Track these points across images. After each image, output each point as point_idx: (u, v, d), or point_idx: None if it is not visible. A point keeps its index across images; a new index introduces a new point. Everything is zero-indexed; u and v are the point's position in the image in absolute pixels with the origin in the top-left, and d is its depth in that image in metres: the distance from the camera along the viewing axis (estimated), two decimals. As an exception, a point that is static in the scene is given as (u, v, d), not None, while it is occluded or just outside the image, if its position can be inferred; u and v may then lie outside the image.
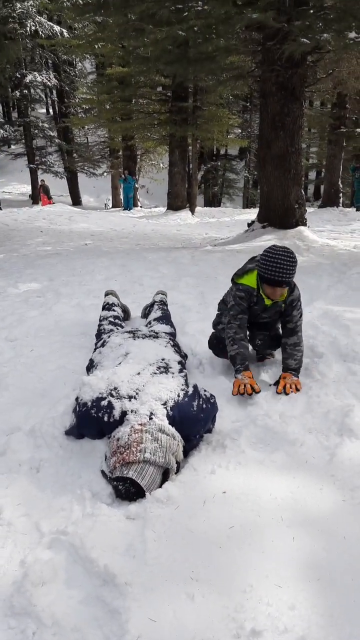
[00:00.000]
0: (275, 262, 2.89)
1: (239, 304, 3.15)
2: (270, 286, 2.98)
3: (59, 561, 1.92)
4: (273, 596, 1.73)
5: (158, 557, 1.90)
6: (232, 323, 3.15)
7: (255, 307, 3.19)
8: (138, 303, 4.69)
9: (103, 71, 20.37)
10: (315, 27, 6.26)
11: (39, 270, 6.47)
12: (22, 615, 1.73)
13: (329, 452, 2.47)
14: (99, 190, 29.52)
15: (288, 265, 2.89)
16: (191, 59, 7.55)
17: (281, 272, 2.89)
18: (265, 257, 2.94)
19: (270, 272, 2.90)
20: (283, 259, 2.88)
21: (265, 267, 2.92)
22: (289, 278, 2.93)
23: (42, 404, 2.98)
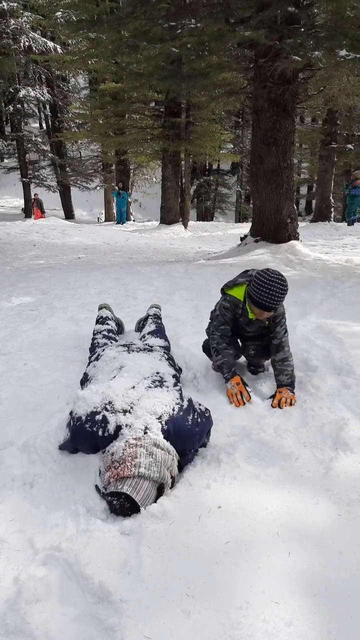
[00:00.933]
0: (267, 287, 2.93)
1: (223, 314, 3.24)
2: (258, 308, 3.04)
3: (53, 578, 1.89)
4: (270, 612, 1.71)
5: (153, 573, 1.88)
6: (214, 334, 3.28)
7: (240, 320, 3.24)
8: (132, 317, 4.69)
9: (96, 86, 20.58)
10: (307, 45, 6.37)
11: (32, 283, 6.47)
12: (15, 634, 1.70)
13: (324, 466, 2.47)
14: (92, 204, 29.63)
15: (279, 293, 2.94)
16: (184, 75, 7.64)
17: (271, 298, 2.94)
18: (258, 280, 2.97)
19: (261, 296, 2.95)
20: (275, 286, 2.92)
21: (257, 290, 2.96)
22: (277, 304, 2.99)
23: (36, 418, 2.96)
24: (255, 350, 3.39)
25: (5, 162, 26.93)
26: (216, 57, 7.39)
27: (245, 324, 3.24)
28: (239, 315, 3.20)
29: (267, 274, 2.96)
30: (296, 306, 5.06)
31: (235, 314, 3.20)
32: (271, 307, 2.97)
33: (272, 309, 3.00)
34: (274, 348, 3.21)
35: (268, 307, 2.97)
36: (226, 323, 3.25)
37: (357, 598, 1.78)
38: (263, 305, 2.97)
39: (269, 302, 2.95)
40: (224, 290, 3.29)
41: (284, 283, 2.95)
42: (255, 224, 8.48)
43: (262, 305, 2.97)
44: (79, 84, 27.69)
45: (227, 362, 3.19)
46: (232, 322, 3.25)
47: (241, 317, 3.21)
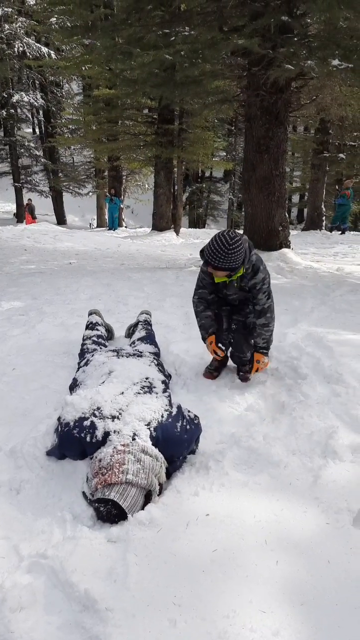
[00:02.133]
0: (212, 247, 3.00)
1: (200, 278, 3.40)
2: (210, 267, 3.10)
3: (38, 586, 1.86)
4: (257, 622, 1.70)
5: (140, 581, 1.86)
6: (194, 297, 3.48)
7: (218, 283, 3.34)
8: (122, 322, 4.67)
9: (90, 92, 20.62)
10: (300, 54, 6.43)
11: (22, 288, 6.43)
12: (-2, 643, 1.67)
13: (312, 474, 2.46)
14: (84, 209, 29.63)
15: (221, 253, 2.97)
16: (177, 83, 7.67)
17: (215, 257, 2.99)
18: (209, 241, 3.04)
19: (208, 255, 3.02)
20: (218, 247, 2.97)
21: (206, 248, 3.05)
22: (222, 264, 3.01)
23: (24, 423, 2.93)
24: (237, 326, 3.44)
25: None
26: (209, 65, 7.43)
27: (222, 286, 3.34)
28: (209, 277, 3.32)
29: (216, 236, 3.02)
30: (287, 314, 5.07)
31: (212, 277, 3.29)
32: (215, 265, 3.03)
33: (218, 268, 3.05)
34: (257, 313, 3.31)
35: (213, 265, 3.04)
36: (204, 287, 3.39)
37: (344, 607, 1.77)
38: (210, 264, 3.04)
39: (213, 261, 3.01)
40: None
41: (227, 245, 2.97)
42: (247, 232, 8.51)
43: (209, 263, 3.04)
44: (73, 89, 27.75)
45: (204, 324, 3.43)
46: (211, 286, 3.36)
47: None
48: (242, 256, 3.04)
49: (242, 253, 3.03)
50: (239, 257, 3.01)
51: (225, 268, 3.03)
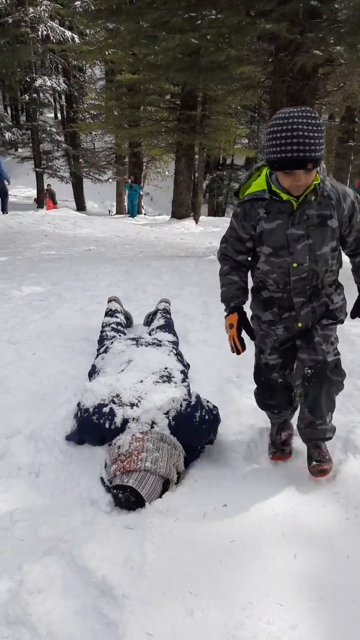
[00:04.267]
0: (284, 128, 1.82)
1: (231, 227, 2.29)
2: (284, 172, 1.93)
3: (56, 570, 1.88)
4: (274, 615, 1.69)
5: (157, 569, 1.86)
6: (218, 254, 2.45)
7: (271, 223, 2.11)
8: (141, 310, 4.66)
9: (112, 78, 20.49)
10: (328, 39, 6.29)
11: (42, 274, 6.46)
12: (16, 624, 1.69)
13: (332, 469, 2.44)
14: (104, 196, 29.61)
15: (305, 128, 1.81)
16: (202, 68, 7.57)
17: (296, 141, 1.81)
18: (270, 129, 1.89)
19: (280, 148, 1.84)
20: (297, 121, 1.81)
21: (272, 142, 1.87)
22: (310, 151, 1.83)
23: (43, 408, 2.95)
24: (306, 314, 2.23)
25: (20, 151, 26.92)
26: (235, 50, 7.31)
27: (285, 222, 2.09)
28: (267, 215, 2.11)
29: (281, 111, 1.89)
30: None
31: (254, 219, 2.14)
32: (300, 157, 1.83)
33: (305, 161, 1.84)
34: (353, 243, 2.22)
35: (296, 159, 1.83)
36: (234, 239, 2.29)
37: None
38: (289, 160, 1.84)
39: (295, 150, 1.81)
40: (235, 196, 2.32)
41: (310, 115, 1.84)
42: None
43: (286, 160, 1.85)
44: (95, 74, 27.59)
45: (226, 292, 2.38)
46: (244, 241, 2.25)
47: (270, 214, 2.11)
48: (324, 145, 1.90)
49: (324, 139, 1.90)
50: (324, 138, 1.88)
51: (316, 156, 1.85)
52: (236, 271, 2.36)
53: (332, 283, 2.30)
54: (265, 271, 2.21)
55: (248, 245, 2.27)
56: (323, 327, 2.25)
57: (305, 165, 1.85)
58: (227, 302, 2.40)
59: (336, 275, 2.32)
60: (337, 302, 2.31)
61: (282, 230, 2.10)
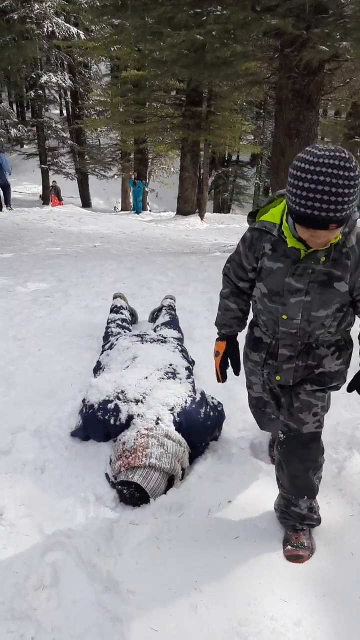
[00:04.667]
0: (310, 178, 1.46)
1: (236, 251, 2.02)
2: (302, 226, 1.58)
3: (61, 565, 1.88)
4: (278, 611, 1.69)
5: (161, 565, 1.87)
6: (223, 270, 2.16)
7: (273, 264, 1.82)
8: (146, 307, 4.66)
9: (118, 74, 20.44)
10: (335, 35, 6.24)
11: (48, 270, 6.47)
12: (22, 619, 1.70)
13: (337, 466, 2.43)
14: (109, 192, 29.58)
15: (335, 182, 1.44)
16: (207, 64, 7.53)
17: (320, 197, 1.46)
18: (294, 171, 1.52)
19: (300, 200, 1.50)
20: (326, 171, 1.45)
21: (293, 189, 1.52)
22: (337, 211, 1.48)
23: (49, 404, 2.96)
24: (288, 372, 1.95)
25: (25, 148, 26.94)
26: (241, 46, 7.27)
27: (286, 270, 1.79)
28: (271, 252, 1.83)
29: (312, 153, 1.49)
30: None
31: (259, 250, 1.87)
32: (323, 214, 1.48)
33: (327, 222, 1.50)
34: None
35: (316, 218, 1.50)
36: (237, 265, 2.02)
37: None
38: (307, 217, 1.51)
39: (318, 204, 1.47)
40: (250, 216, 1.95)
41: (346, 165, 1.45)
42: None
43: (305, 216, 1.52)
44: (101, 70, 27.55)
45: (220, 317, 2.18)
46: (247, 272, 1.99)
47: (275, 250, 1.81)
48: (355, 198, 1.53)
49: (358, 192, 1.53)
50: (356, 188, 1.49)
51: (335, 217, 1.49)
52: (235, 297, 2.12)
53: (332, 345, 1.92)
54: (258, 310, 1.98)
55: (250, 276, 2.00)
56: (309, 392, 1.92)
57: (327, 226, 1.53)
58: (219, 328, 2.20)
59: (340, 335, 1.93)
60: (331, 367, 1.93)
61: (281, 276, 1.81)
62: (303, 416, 1.91)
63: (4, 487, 2.29)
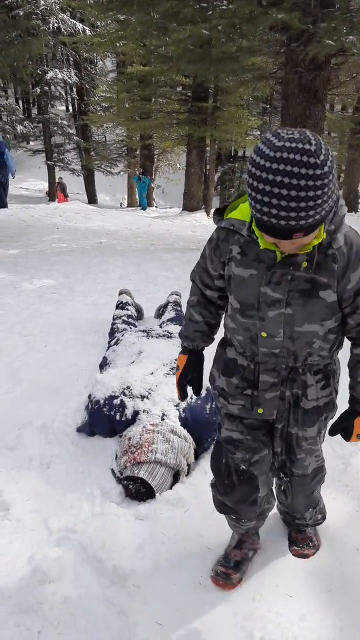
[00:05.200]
0: (265, 178, 1.17)
1: (202, 254, 1.69)
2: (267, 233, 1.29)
3: (67, 559, 1.90)
4: (283, 606, 1.69)
5: (167, 560, 1.88)
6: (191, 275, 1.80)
7: (244, 270, 1.50)
8: (152, 303, 4.66)
9: (124, 70, 20.44)
10: (341, 29, 6.20)
11: (54, 266, 6.48)
12: (28, 613, 1.71)
13: (343, 462, 2.43)
14: (115, 189, 29.58)
15: (295, 184, 1.15)
16: (213, 59, 7.50)
17: (276, 203, 1.17)
18: (251, 166, 1.22)
19: (256, 205, 1.22)
20: (285, 170, 1.15)
21: (249, 189, 1.23)
22: (299, 219, 1.19)
23: (55, 399, 2.97)
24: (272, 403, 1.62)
25: (31, 144, 26.98)
26: (247, 41, 7.24)
27: (259, 277, 1.47)
28: (241, 255, 1.50)
29: (270, 143, 1.19)
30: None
31: (225, 254, 1.54)
32: (282, 222, 1.19)
33: (289, 232, 1.22)
34: (355, 329, 1.55)
35: (274, 225, 1.21)
36: (202, 270, 1.69)
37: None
38: (264, 223, 1.23)
39: (275, 211, 1.18)
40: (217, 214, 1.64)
41: (309, 157, 1.15)
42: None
43: (261, 222, 1.24)
44: (107, 66, 27.51)
45: (185, 329, 1.85)
46: (214, 279, 1.66)
47: (245, 254, 1.49)
48: (334, 189, 1.23)
49: (334, 182, 1.22)
50: (329, 191, 1.20)
51: (298, 225, 1.20)
52: (201, 308, 1.78)
53: (320, 371, 1.61)
54: (231, 329, 1.62)
55: (217, 284, 1.66)
56: (309, 440, 1.69)
57: (290, 236, 1.23)
58: (181, 339, 1.88)
59: (328, 360, 1.62)
60: (313, 398, 1.62)
61: (255, 285, 1.48)
62: (307, 462, 1.75)
63: (11, 482, 2.31)
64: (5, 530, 2.05)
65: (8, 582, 1.81)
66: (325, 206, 1.21)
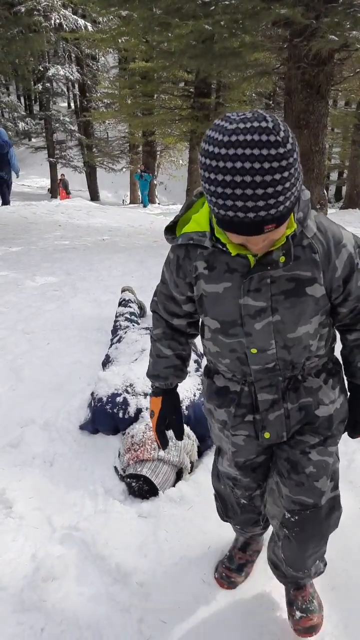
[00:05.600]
0: (222, 168, 1.02)
1: (162, 279, 1.50)
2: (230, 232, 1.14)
3: (71, 557, 1.90)
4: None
5: (170, 557, 1.88)
6: (151, 306, 1.60)
7: (216, 285, 1.32)
8: (155, 300, 4.66)
9: (126, 66, 20.35)
10: (344, 24, 6.16)
11: (56, 264, 6.48)
12: (31, 611, 1.72)
13: (347, 458, 2.42)
14: (117, 185, 29.55)
15: (259, 169, 0.99)
16: (216, 54, 7.46)
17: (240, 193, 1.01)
18: (204, 157, 1.08)
19: (217, 201, 1.06)
20: (243, 155, 0.99)
21: (206, 183, 1.09)
22: (269, 208, 1.02)
23: (57, 397, 2.97)
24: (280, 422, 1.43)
25: (33, 141, 26.96)
26: (249, 36, 7.20)
27: (236, 288, 1.30)
28: (209, 270, 1.32)
29: (222, 127, 1.06)
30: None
31: (190, 273, 1.36)
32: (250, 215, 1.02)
33: (260, 225, 1.05)
34: (348, 316, 1.41)
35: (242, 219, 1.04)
36: (166, 298, 1.50)
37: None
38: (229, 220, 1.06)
39: (241, 203, 1.01)
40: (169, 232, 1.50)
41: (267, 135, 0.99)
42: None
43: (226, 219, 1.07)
44: (109, 62, 27.45)
45: (153, 367, 1.62)
46: (181, 303, 1.46)
47: (213, 268, 1.32)
48: (300, 169, 1.10)
49: (298, 160, 1.09)
50: (296, 172, 1.06)
51: (269, 215, 1.03)
52: (169, 340, 1.56)
53: (321, 371, 1.45)
54: (214, 353, 1.43)
55: (186, 309, 1.47)
56: (320, 448, 1.44)
57: (261, 229, 1.05)
58: (151, 380, 1.64)
59: (327, 357, 1.47)
60: (330, 401, 1.44)
61: (233, 299, 1.30)
62: (320, 484, 1.43)
63: (14, 480, 2.31)
64: (8, 527, 2.05)
65: (11, 580, 1.82)
66: (294, 190, 1.06)
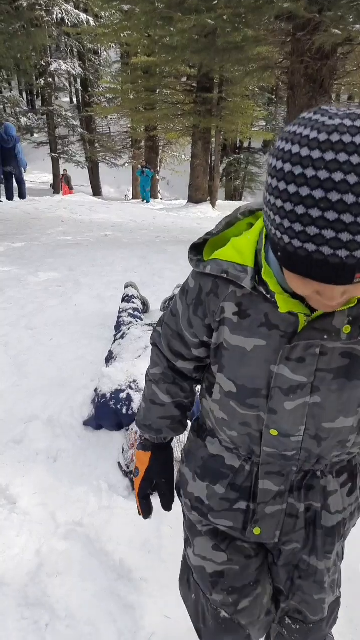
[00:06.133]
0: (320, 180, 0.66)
1: (171, 312, 1.18)
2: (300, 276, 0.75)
3: (74, 553, 1.91)
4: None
5: (174, 553, 1.88)
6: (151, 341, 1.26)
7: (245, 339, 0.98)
8: (157, 296, 4.65)
9: (128, 60, 20.32)
10: (348, 18, 6.13)
11: (59, 259, 6.48)
12: (36, 606, 1.73)
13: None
14: (120, 181, 29.51)
15: None
16: (218, 49, 7.45)
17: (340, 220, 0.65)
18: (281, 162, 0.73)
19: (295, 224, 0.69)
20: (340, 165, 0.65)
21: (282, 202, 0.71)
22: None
23: (61, 393, 2.98)
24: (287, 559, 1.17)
25: (35, 136, 26.91)
26: (252, 30, 7.18)
27: (272, 350, 0.96)
28: (240, 317, 0.98)
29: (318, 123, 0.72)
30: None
31: (215, 314, 1.02)
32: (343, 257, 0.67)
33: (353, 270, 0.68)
34: None
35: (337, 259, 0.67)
36: (174, 335, 1.16)
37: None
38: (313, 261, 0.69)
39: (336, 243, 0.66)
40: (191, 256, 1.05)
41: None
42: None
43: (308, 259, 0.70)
44: (111, 57, 27.35)
45: (144, 415, 1.28)
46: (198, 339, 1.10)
47: (246, 315, 0.98)
48: None
49: None
50: None
51: None
52: (170, 385, 1.22)
53: (344, 470, 1.13)
54: (219, 420, 1.10)
55: (196, 354, 1.14)
56: (330, 569, 1.17)
57: (352, 277, 0.71)
58: (141, 429, 1.30)
59: (357, 453, 1.15)
60: (337, 510, 1.12)
61: (264, 362, 0.98)
62: (328, 602, 1.19)
63: (18, 476, 2.32)
64: (12, 523, 2.06)
65: (15, 575, 1.82)
66: None
